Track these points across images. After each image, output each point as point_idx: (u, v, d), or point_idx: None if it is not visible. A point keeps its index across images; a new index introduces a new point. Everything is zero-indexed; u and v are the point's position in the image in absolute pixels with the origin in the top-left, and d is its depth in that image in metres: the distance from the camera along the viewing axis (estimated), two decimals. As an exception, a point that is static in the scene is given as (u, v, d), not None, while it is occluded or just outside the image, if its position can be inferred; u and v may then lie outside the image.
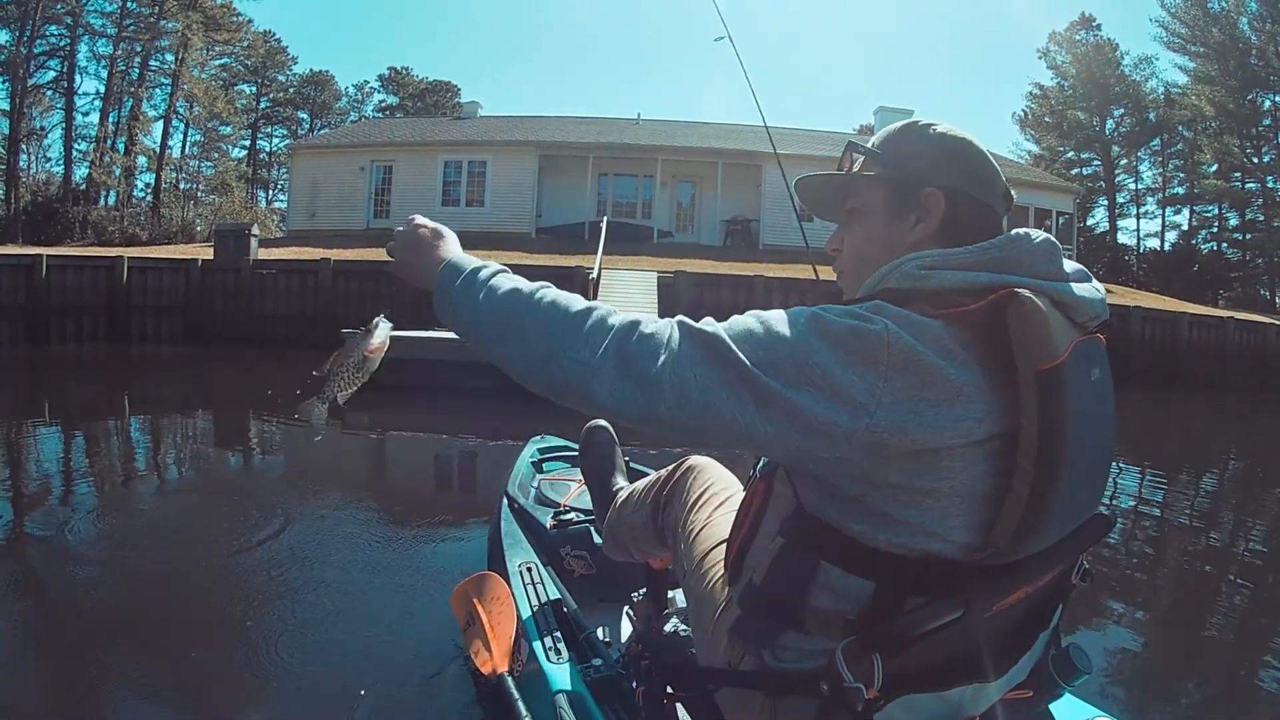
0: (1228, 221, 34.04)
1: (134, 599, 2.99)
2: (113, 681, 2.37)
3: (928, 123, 1.03)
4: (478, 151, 21.30)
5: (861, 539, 0.85)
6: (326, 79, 43.88)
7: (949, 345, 0.80)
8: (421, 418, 7.91)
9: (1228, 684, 2.80)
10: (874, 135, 1.08)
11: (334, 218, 21.20)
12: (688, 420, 0.81)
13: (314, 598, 3.01)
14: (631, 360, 0.83)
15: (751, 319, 0.85)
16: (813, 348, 0.79)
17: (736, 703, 1.02)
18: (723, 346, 0.81)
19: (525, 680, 1.63)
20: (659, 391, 0.81)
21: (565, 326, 0.88)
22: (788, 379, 0.79)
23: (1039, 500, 0.81)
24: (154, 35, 32.01)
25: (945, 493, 0.82)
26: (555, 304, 0.92)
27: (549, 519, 2.41)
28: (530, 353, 0.89)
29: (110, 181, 31.19)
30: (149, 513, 4.33)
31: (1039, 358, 0.80)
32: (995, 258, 0.88)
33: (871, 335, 0.79)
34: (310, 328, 13.22)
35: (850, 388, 0.77)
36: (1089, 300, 0.91)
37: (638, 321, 0.87)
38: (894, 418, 0.77)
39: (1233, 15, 30.64)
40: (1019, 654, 0.95)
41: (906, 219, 0.99)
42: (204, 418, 8.10)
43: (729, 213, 21.22)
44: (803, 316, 0.83)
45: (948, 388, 0.79)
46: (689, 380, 0.80)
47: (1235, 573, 4.18)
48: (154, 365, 12.25)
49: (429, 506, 4.58)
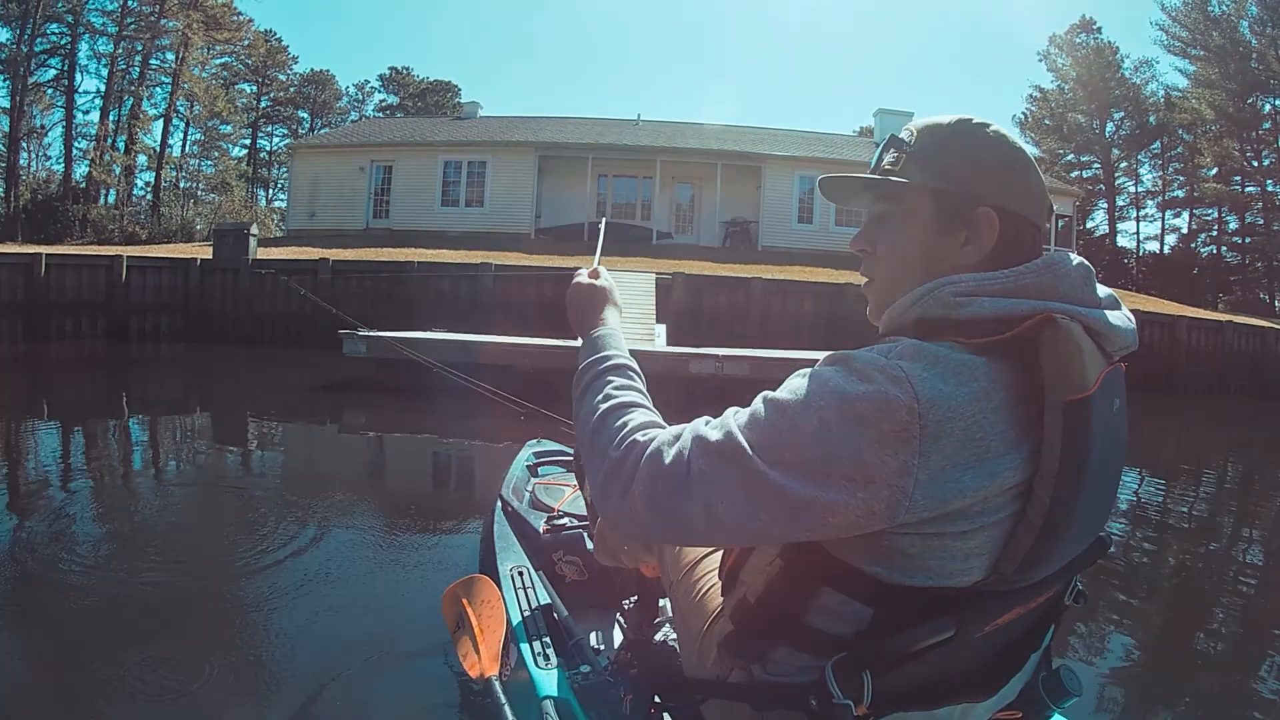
0: (1227, 225, 34.12)
1: (125, 601, 2.98)
2: (99, 684, 2.37)
3: (981, 123, 0.94)
4: (477, 152, 21.30)
5: (873, 575, 0.83)
6: (327, 78, 44.02)
7: (988, 388, 0.77)
8: (417, 420, 7.90)
9: (1219, 706, 2.78)
10: (913, 126, 0.98)
11: (334, 217, 21.20)
12: (725, 539, 0.85)
13: (303, 597, 3.01)
14: (659, 500, 0.82)
15: (772, 411, 0.81)
16: (840, 437, 0.75)
17: (723, 715, 1.01)
18: (746, 463, 0.78)
19: (512, 685, 1.62)
20: (691, 525, 0.81)
21: (599, 467, 0.90)
22: (818, 479, 0.75)
23: (1050, 530, 0.79)
24: (155, 34, 32.06)
25: (974, 534, 0.80)
26: (595, 442, 0.92)
27: (542, 523, 2.40)
28: (589, 480, 0.93)
29: (110, 180, 31.22)
30: (142, 513, 4.30)
31: (1070, 388, 0.78)
32: (1032, 283, 0.85)
33: (901, 409, 0.74)
34: (308, 327, 13.21)
35: (884, 471, 0.74)
36: (1122, 330, 0.88)
37: (659, 452, 0.84)
38: (932, 493, 0.75)
39: (1233, 19, 30.68)
40: (1009, 674, 0.94)
41: (955, 235, 0.92)
42: (200, 417, 8.09)
43: (728, 214, 21.21)
44: (826, 397, 0.77)
45: (980, 446, 0.76)
46: (718, 509, 0.79)
47: (1228, 592, 4.13)
48: (153, 363, 12.27)
49: (423, 508, 4.58)
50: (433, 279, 14.12)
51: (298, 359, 12.15)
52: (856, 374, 0.77)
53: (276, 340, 13.57)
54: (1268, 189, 31.45)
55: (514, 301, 13.22)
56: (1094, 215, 37.49)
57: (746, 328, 13.72)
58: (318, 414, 8.47)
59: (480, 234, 19.45)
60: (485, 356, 8.99)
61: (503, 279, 14.03)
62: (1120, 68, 34.96)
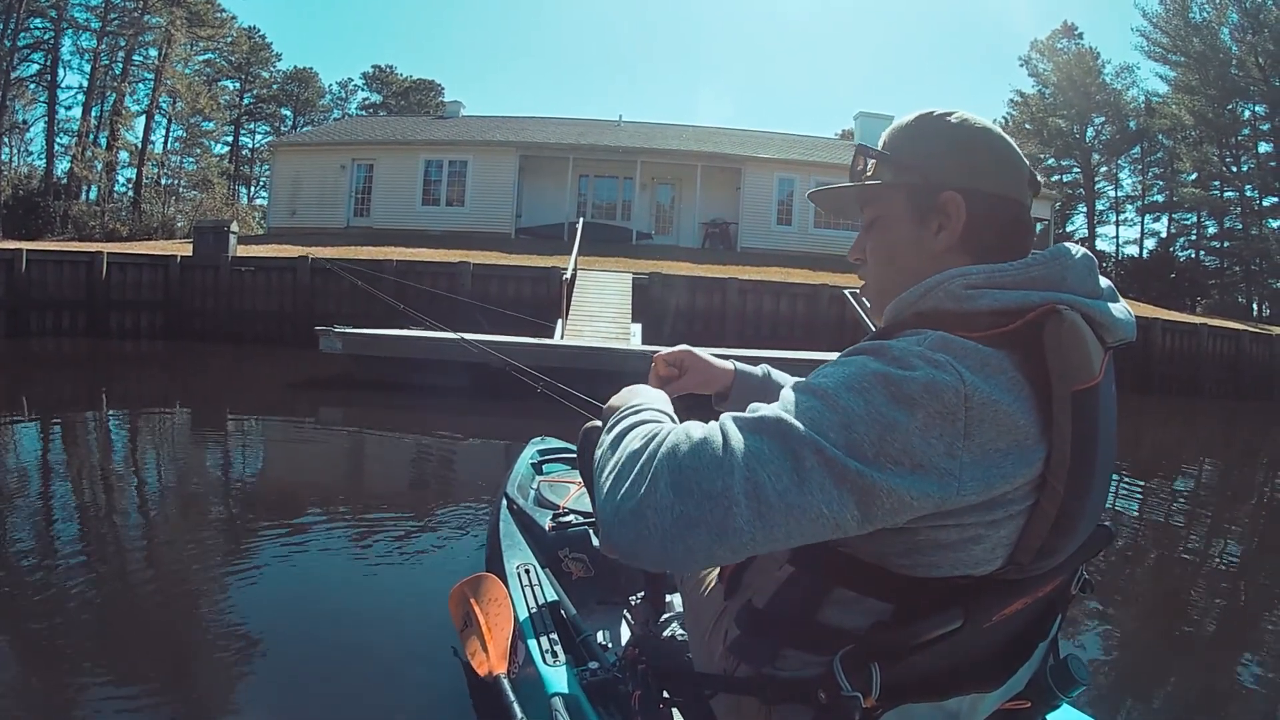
0: (1206, 229, 34.48)
1: (121, 601, 2.98)
2: (111, 685, 2.34)
3: (941, 113, 0.96)
4: (459, 151, 21.33)
5: (895, 569, 0.82)
6: (310, 76, 43.91)
7: (1015, 378, 0.77)
8: (421, 418, 7.93)
9: (1225, 695, 2.78)
10: (884, 132, 1.01)
11: (315, 215, 21.19)
12: (766, 531, 0.70)
13: (309, 597, 3.02)
14: (688, 478, 0.71)
15: (814, 398, 0.75)
16: (889, 418, 0.72)
17: (732, 709, 1.00)
18: (793, 433, 0.72)
19: (521, 682, 1.62)
20: (730, 510, 0.69)
21: (611, 465, 0.79)
22: (868, 458, 0.71)
23: (1065, 519, 0.80)
24: (138, 30, 31.89)
25: (1005, 523, 0.79)
26: (610, 453, 0.82)
27: (548, 521, 2.39)
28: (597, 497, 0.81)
29: (92, 176, 31.07)
30: (140, 513, 4.26)
31: (1076, 377, 0.78)
32: (1040, 275, 0.85)
33: (949, 390, 0.73)
34: (288, 324, 13.41)
35: (932, 454, 0.72)
36: (1122, 322, 0.88)
37: (685, 433, 0.76)
38: (978, 476, 0.74)
39: (1214, 26, 30.87)
40: (1018, 664, 0.93)
41: (929, 225, 0.93)
42: (189, 414, 8.00)
43: (708, 215, 21.34)
44: (870, 379, 0.75)
45: (1020, 432, 0.76)
46: (765, 485, 0.70)
47: (1228, 580, 4.18)
48: (134, 360, 12.22)
49: (428, 507, 4.60)
50: (411, 277, 14.20)
51: (279, 356, 12.19)
52: (897, 361, 0.76)
53: (257, 338, 13.63)
54: (1246, 194, 31.72)
55: (492, 300, 13.25)
56: (1074, 219, 37.88)
57: (723, 327, 13.84)
58: (309, 412, 8.47)
59: (461, 233, 19.48)
60: (457, 354, 9.09)
61: (480, 278, 14.20)
62: (1101, 73, 35.30)
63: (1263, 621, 3.57)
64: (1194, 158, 31.98)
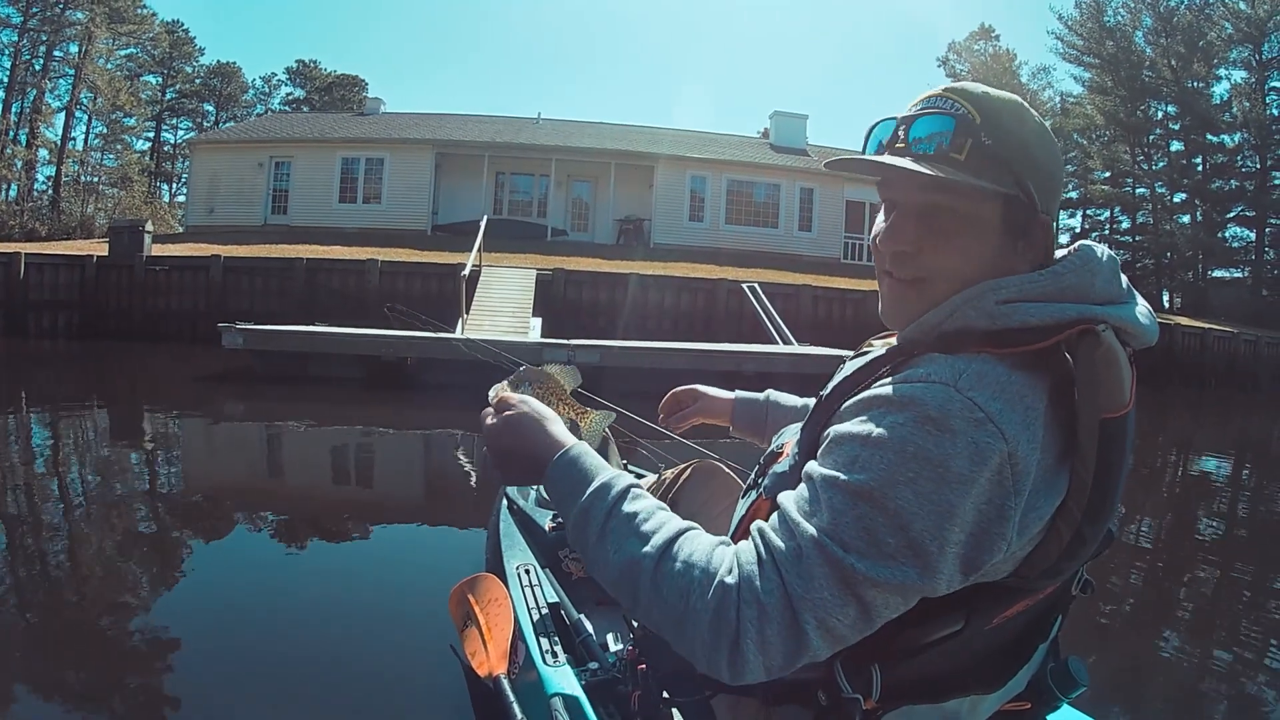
0: (1120, 224, 35.75)
1: (117, 601, 2.97)
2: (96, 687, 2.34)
3: (1030, 109, 0.85)
4: (376, 149, 21.50)
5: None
6: (234, 71, 43.21)
7: (1042, 406, 0.76)
8: (421, 414, 8.03)
9: (1225, 696, 2.79)
10: (964, 98, 0.83)
11: (232, 213, 21.16)
12: (850, 641, 0.76)
13: (308, 596, 3.04)
14: (773, 644, 0.73)
15: (851, 500, 0.74)
16: (945, 506, 0.71)
17: (732, 709, 1.01)
18: (847, 572, 0.72)
19: (521, 682, 1.62)
20: (816, 651, 0.74)
21: (685, 625, 0.77)
22: (929, 558, 0.72)
23: (1078, 542, 0.79)
24: (58, 26, 31.26)
25: (1021, 544, 0.78)
26: (662, 597, 0.78)
27: (548, 521, 2.39)
28: (656, 626, 0.81)
29: (11, 175, 30.33)
30: (136, 515, 4.16)
31: (1107, 405, 0.75)
32: (1072, 285, 0.81)
33: (996, 457, 0.72)
34: (203, 323, 13.34)
35: (989, 525, 0.72)
36: (1147, 329, 0.84)
37: (749, 585, 0.75)
38: (1025, 527, 0.75)
39: (1128, 29, 31.98)
40: (1018, 666, 0.92)
41: (1016, 243, 0.85)
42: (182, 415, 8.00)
43: (622, 212, 21.81)
44: (914, 466, 0.72)
45: (1053, 464, 0.76)
46: (836, 629, 0.73)
47: (1230, 577, 4.17)
48: (50, 360, 12.17)
49: (427, 506, 4.65)
50: (321, 274, 14.41)
51: (190, 354, 12.28)
52: (934, 424, 0.73)
53: (171, 336, 13.78)
54: (1157, 190, 32.93)
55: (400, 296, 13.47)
56: (994, 215, 38.67)
57: (624, 320, 14.19)
58: (214, 405, 8.51)
59: (377, 230, 19.65)
60: (354, 348, 9.74)
61: (389, 274, 14.49)
62: (1018, 74, 36.22)
63: (1263, 621, 3.57)
64: (1104, 157, 33.11)
